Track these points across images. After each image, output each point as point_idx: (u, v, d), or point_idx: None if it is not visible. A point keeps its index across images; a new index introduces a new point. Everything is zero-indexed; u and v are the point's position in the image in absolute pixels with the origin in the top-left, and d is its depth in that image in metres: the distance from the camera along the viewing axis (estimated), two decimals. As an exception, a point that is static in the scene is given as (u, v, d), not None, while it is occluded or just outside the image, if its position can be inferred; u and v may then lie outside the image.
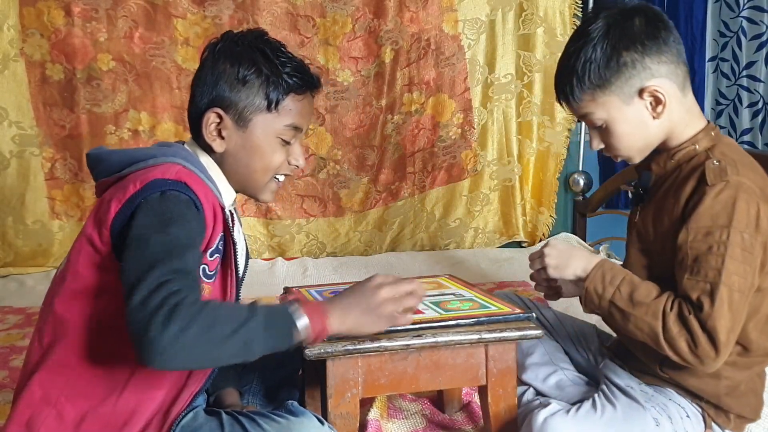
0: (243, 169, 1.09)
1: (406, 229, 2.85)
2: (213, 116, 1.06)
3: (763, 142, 3.03)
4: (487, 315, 1.12)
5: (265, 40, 1.09)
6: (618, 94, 1.08)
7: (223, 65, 1.06)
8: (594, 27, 1.07)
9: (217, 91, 1.05)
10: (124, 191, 0.94)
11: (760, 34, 2.93)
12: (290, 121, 1.09)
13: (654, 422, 1.08)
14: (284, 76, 1.06)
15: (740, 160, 1.06)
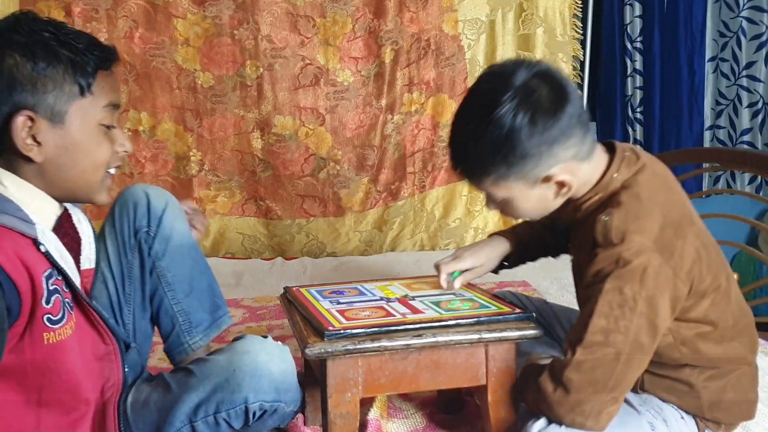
0: (70, 171, 0.95)
1: (406, 229, 2.86)
2: (22, 120, 0.89)
3: (762, 142, 3.03)
4: (487, 315, 1.12)
5: (44, 21, 0.94)
6: (520, 181, 1.02)
7: (11, 60, 0.89)
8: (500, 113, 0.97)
9: (16, 93, 0.89)
10: None
11: (759, 34, 2.93)
12: (107, 101, 0.96)
13: (649, 426, 1.07)
14: (86, 54, 0.93)
15: (637, 209, 1.00)
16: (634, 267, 0.96)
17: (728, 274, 1.09)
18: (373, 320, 1.08)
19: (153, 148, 2.66)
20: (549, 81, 0.99)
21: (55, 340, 0.91)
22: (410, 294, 1.25)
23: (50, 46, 0.91)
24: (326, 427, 1.07)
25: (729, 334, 1.07)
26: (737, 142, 3.08)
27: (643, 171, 1.05)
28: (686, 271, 0.99)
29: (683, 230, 1.01)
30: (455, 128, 1.06)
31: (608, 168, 1.06)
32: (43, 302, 0.88)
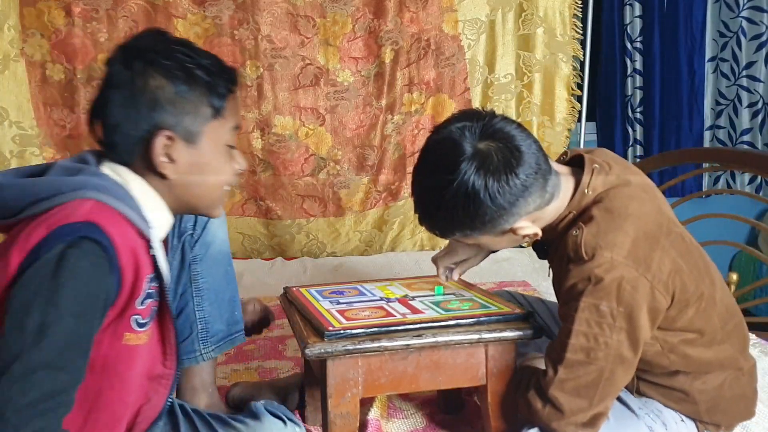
0: (196, 188, 0.99)
1: (406, 229, 2.86)
2: (163, 140, 0.93)
3: (762, 142, 3.03)
4: (487, 315, 1.12)
5: (176, 41, 0.98)
6: (486, 235, 1.05)
7: (155, 81, 0.93)
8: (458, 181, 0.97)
9: (159, 112, 0.93)
10: (27, 238, 0.82)
11: (759, 34, 2.93)
12: (233, 123, 1.01)
13: (648, 430, 1.08)
14: (219, 77, 0.98)
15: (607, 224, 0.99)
16: (607, 283, 0.96)
17: (712, 279, 1.08)
18: (373, 320, 1.08)
19: (153, 148, 2.65)
20: (501, 141, 0.99)
21: (133, 343, 0.92)
22: (410, 294, 1.25)
23: (189, 69, 0.95)
24: (326, 427, 1.08)
25: (718, 338, 1.07)
26: (737, 142, 3.08)
27: (615, 182, 1.05)
28: (664, 283, 0.99)
29: (659, 241, 1.00)
30: (415, 193, 1.07)
31: (578, 185, 1.05)
32: (137, 302, 0.90)
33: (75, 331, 0.81)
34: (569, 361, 0.98)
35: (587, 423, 1.00)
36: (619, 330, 0.97)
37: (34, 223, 0.84)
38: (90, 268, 0.83)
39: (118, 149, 0.95)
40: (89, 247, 0.83)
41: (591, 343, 0.97)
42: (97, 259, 0.83)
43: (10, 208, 0.87)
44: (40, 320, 0.78)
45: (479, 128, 1.00)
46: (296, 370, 1.60)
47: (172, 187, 0.98)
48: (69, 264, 0.81)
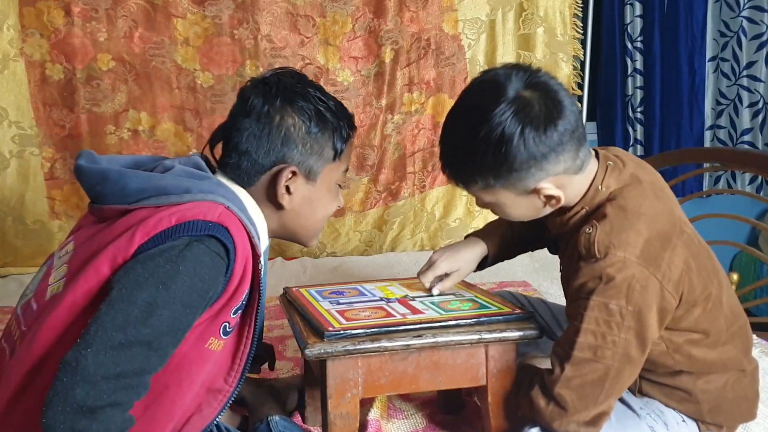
0: (304, 221, 1.07)
1: (406, 229, 2.85)
2: (288, 174, 1.02)
3: (763, 142, 3.02)
4: (487, 315, 1.11)
5: (313, 85, 1.06)
6: (509, 189, 1.02)
7: (291, 120, 1.01)
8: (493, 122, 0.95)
9: (288, 148, 1.02)
10: (155, 225, 0.86)
11: (760, 33, 2.93)
12: (346, 166, 1.10)
13: (650, 430, 1.07)
14: (344, 123, 1.05)
15: (621, 223, 0.99)
16: (618, 282, 0.96)
17: (720, 281, 1.08)
18: (373, 321, 1.08)
19: (153, 148, 2.65)
20: (545, 94, 0.97)
21: (213, 348, 0.94)
22: (410, 294, 1.25)
23: (322, 114, 1.03)
24: (326, 428, 1.07)
25: (723, 339, 1.07)
26: (738, 142, 3.07)
27: (629, 180, 1.04)
28: (674, 283, 0.99)
29: (671, 241, 1.00)
30: (446, 132, 1.04)
31: (594, 179, 1.05)
32: (232, 311, 0.94)
33: (179, 318, 0.84)
34: (576, 359, 0.98)
35: (590, 422, 1.00)
36: (628, 329, 0.97)
37: (162, 212, 0.88)
38: (210, 264, 0.87)
39: (242, 172, 1.03)
40: (215, 246, 0.88)
41: (599, 342, 0.97)
42: (218, 259, 0.88)
43: (130, 195, 0.92)
44: (151, 299, 0.81)
45: (526, 77, 0.98)
46: (296, 370, 1.60)
47: (283, 215, 1.06)
48: (192, 255, 0.85)
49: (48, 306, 0.89)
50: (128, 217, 0.91)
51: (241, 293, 0.94)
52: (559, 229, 1.09)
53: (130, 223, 0.89)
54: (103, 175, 0.95)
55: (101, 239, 0.90)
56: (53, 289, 0.91)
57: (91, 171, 0.96)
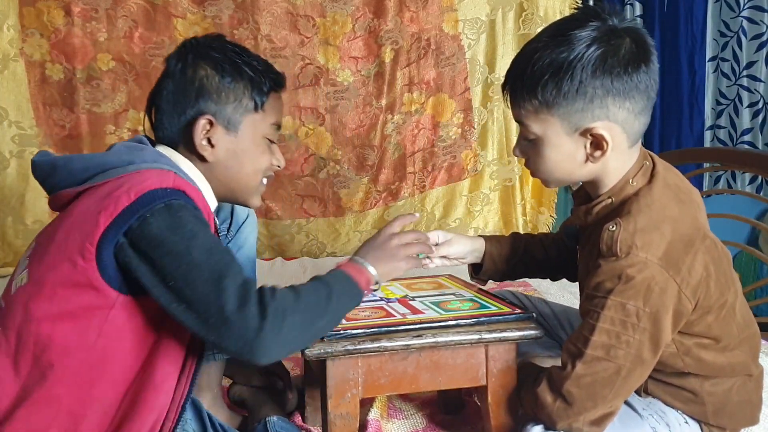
0: (234, 174, 1.07)
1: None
2: (204, 123, 1.03)
3: (763, 142, 3.02)
4: (487, 315, 1.11)
5: (231, 43, 1.08)
6: (563, 119, 0.97)
7: (203, 71, 1.03)
8: (575, 33, 0.94)
9: (203, 99, 1.03)
10: (115, 203, 0.87)
11: (760, 33, 2.93)
12: (274, 119, 1.09)
13: (652, 431, 1.07)
14: (264, 76, 1.06)
15: (643, 221, 0.97)
16: (637, 283, 0.94)
17: (736, 289, 1.07)
18: (373, 320, 1.08)
19: (153, 148, 2.65)
20: (639, 41, 0.96)
21: None
22: (410, 294, 1.25)
23: (237, 64, 1.05)
24: (326, 428, 1.07)
25: (733, 344, 1.06)
26: (738, 142, 3.07)
27: (656, 181, 1.02)
28: (693, 288, 0.97)
29: (694, 246, 0.98)
30: (528, 43, 1.01)
31: (627, 172, 1.03)
32: None
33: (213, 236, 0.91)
34: (589, 357, 0.97)
35: (595, 421, 0.99)
36: (643, 331, 0.96)
37: (114, 189, 0.89)
38: (200, 216, 0.91)
39: (166, 132, 1.05)
40: (187, 206, 0.91)
41: (612, 341, 0.96)
42: (197, 212, 0.92)
43: (76, 176, 0.95)
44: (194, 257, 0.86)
45: (629, 23, 0.97)
46: (296, 370, 1.60)
47: (213, 170, 1.06)
48: (180, 211, 0.89)
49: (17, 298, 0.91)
50: (81, 198, 0.93)
51: None
52: (582, 219, 1.08)
53: (84, 202, 0.91)
54: (52, 164, 0.97)
55: (59, 223, 0.93)
56: (17, 282, 0.94)
57: (42, 163, 0.99)
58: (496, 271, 1.31)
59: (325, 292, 0.93)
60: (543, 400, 1.01)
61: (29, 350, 0.88)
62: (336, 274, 0.99)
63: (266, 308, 0.84)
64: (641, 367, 0.99)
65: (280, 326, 0.84)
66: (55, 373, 0.88)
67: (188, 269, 0.85)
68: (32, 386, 0.88)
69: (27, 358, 0.88)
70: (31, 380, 0.88)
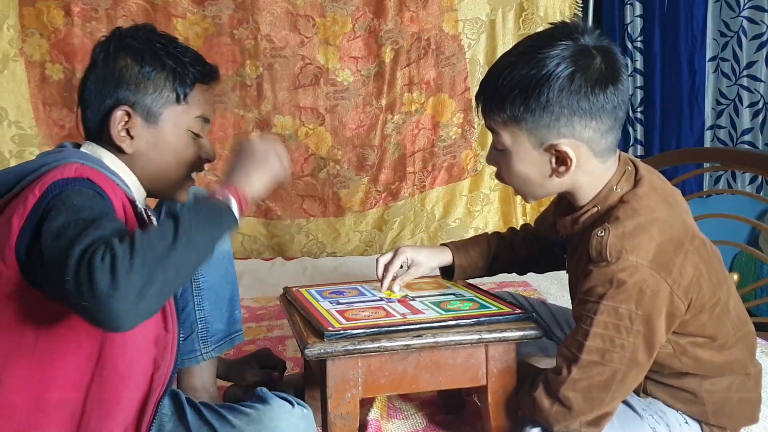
0: (156, 167, 1.04)
1: (406, 229, 2.85)
2: (120, 114, 1.00)
3: (763, 142, 3.02)
4: (487, 315, 1.11)
5: (159, 34, 1.05)
6: (529, 134, 0.99)
7: (123, 61, 1.01)
8: (545, 51, 0.95)
9: (122, 89, 1.00)
10: (24, 204, 0.85)
11: (760, 33, 2.93)
12: (199, 112, 1.06)
13: (651, 431, 1.07)
14: (188, 67, 1.03)
15: (631, 226, 0.97)
16: (629, 287, 0.94)
17: (728, 287, 1.07)
18: (373, 320, 1.08)
19: (153, 148, 2.66)
20: (610, 60, 0.96)
21: None
22: (410, 294, 1.25)
23: (158, 54, 1.02)
24: (326, 428, 1.07)
25: (729, 343, 1.07)
26: (738, 142, 3.07)
27: (642, 184, 1.02)
28: (684, 288, 0.98)
29: (683, 246, 0.98)
30: (499, 59, 1.02)
31: (610, 180, 1.03)
32: None
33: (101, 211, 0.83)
34: (584, 362, 0.97)
35: (592, 422, 1.00)
36: (636, 333, 0.96)
37: (26, 191, 0.87)
38: (93, 194, 0.87)
39: (89, 123, 1.03)
40: (84, 190, 0.87)
41: (607, 345, 0.96)
42: (97, 194, 0.87)
43: (3, 189, 0.92)
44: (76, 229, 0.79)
45: (601, 40, 0.97)
46: (296, 370, 1.60)
47: (135, 162, 1.03)
48: (72, 194, 0.85)
49: None
50: (5, 211, 0.91)
51: None
52: (569, 228, 1.08)
53: (8, 212, 0.89)
54: None
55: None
56: None
57: None
58: (466, 278, 1.34)
59: (170, 225, 0.81)
60: (540, 404, 1.02)
61: None
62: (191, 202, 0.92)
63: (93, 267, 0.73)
64: (636, 369, 0.99)
65: (113, 281, 0.73)
66: (5, 385, 0.86)
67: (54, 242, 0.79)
68: None
69: None
70: None
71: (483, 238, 1.35)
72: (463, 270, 1.31)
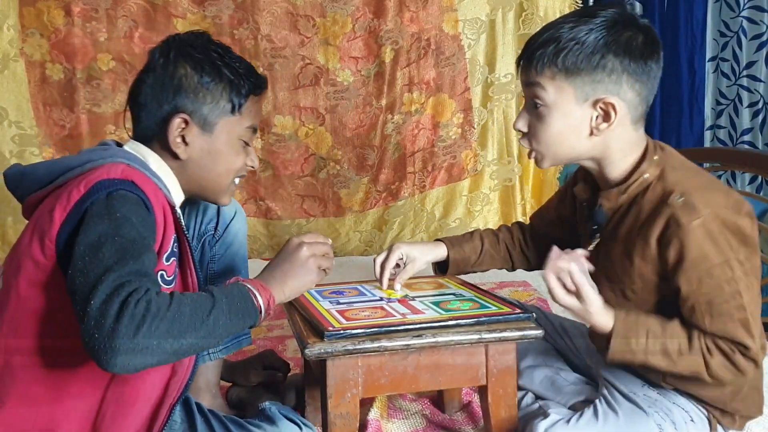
0: (206, 173, 1.08)
1: (406, 229, 2.85)
2: (179, 121, 1.03)
3: (763, 142, 3.02)
4: (487, 315, 1.11)
5: (215, 43, 1.08)
6: (578, 88, 1.03)
7: (183, 69, 1.04)
8: (601, 14, 1.03)
9: (180, 97, 1.03)
10: (68, 198, 0.88)
11: (760, 33, 2.93)
12: (250, 123, 1.09)
13: (657, 428, 1.07)
14: (243, 78, 1.06)
15: (696, 184, 1.03)
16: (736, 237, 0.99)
17: None
18: (372, 320, 1.08)
19: (153, 148, 2.66)
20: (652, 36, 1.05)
21: None
22: (410, 294, 1.25)
23: (217, 65, 1.05)
24: (326, 428, 1.07)
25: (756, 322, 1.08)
26: (738, 142, 3.07)
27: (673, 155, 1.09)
28: None
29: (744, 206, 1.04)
30: (556, 20, 1.08)
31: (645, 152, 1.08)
32: (164, 258, 0.95)
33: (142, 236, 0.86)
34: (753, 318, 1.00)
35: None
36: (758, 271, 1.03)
37: (70, 185, 0.90)
38: (137, 205, 0.90)
39: (142, 125, 1.07)
40: (129, 195, 0.90)
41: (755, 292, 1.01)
42: (138, 201, 0.90)
43: (41, 180, 0.95)
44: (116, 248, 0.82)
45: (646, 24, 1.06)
46: (296, 370, 1.60)
47: (185, 167, 1.06)
48: (118, 203, 0.87)
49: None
50: (45, 201, 0.94)
51: (168, 240, 0.95)
52: (613, 201, 1.09)
53: (45, 204, 0.93)
54: (21, 172, 0.99)
55: (25, 231, 0.94)
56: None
57: (12, 174, 1.00)
58: (459, 273, 1.38)
59: (207, 305, 0.85)
60: (722, 377, 1.03)
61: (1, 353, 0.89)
62: (231, 288, 0.93)
63: (125, 309, 0.76)
64: None
65: (135, 332, 0.76)
66: (29, 373, 0.88)
67: (89, 258, 0.82)
68: (7, 387, 0.89)
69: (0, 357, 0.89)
70: (5, 382, 0.89)
71: (476, 234, 1.38)
72: (457, 265, 1.34)
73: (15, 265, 0.91)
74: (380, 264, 1.28)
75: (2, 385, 0.89)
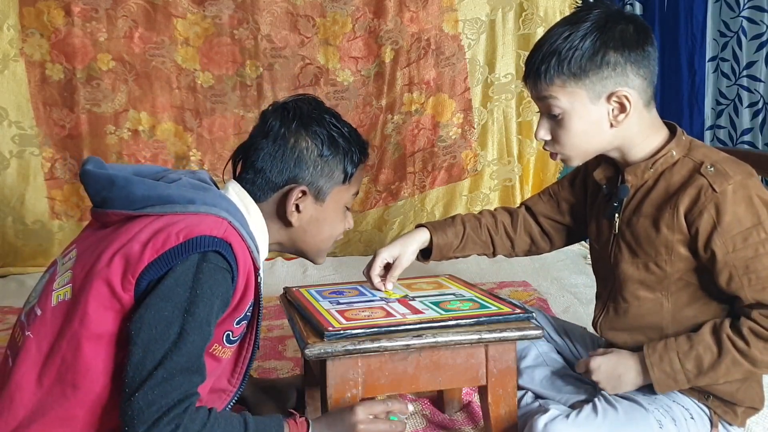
0: (310, 238, 1.12)
1: (406, 229, 2.85)
2: (298, 193, 1.06)
3: (763, 142, 3.02)
4: (487, 315, 1.11)
5: (329, 111, 1.11)
6: (589, 89, 1.07)
7: (305, 143, 1.07)
8: (589, 17, 1.07)
9: (300, 169, 1.06)
10: (164, 240, 0.89)
11: (760, 33, 2.93)
12: (356, 189, 1.14)
13: (657, 425, 1.07)
14: (355, 148, 1.10)
15: (724, 157, 1.10)
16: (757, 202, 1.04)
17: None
18: (372, 320, 1.08)
19: (152, 148, 2.65)
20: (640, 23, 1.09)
21: (217, 354, 0.97)
22: (410, 294, 1.25)
23: (335, 139, 1.08)
24: (326, 428, 1.07)
25: None
26: (738, 142, 3.07)
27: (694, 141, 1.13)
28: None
29: None
30: (548, 31, 1.11)
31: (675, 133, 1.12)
32: (235, 321, 0.97)
33: (206, 337, 0.90)
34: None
35: None
36: None
37: (169, 228, 0.90)
38: (222, 280, 0.92)
39: (256, 188, 1.08)
40: (221, 261, 0.91)
41: None
42: (226, 273, 0.92)
43: (135, 201, 0.95)
44: (180, 329, 0.87)
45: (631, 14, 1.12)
46: (296, 370, 1.60)
47: (291, 232, 1.11)
48: (205, 277, 0.90)
49: (57, 311, 0.91)
50: (134, 223, 0.93)
51: (245, 305, 0.97)
52: (641, 174, 1.12)
53: (135, 229, 0.92)
54: (111, 180, 0.97)
55: (107, 244, 0.92)
56: (59, 294, 0.93)
57: (98, 176, 0.98)
58: (442, 258, 1.37)
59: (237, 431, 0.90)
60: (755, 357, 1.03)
61: (55, 366, 0.88)
62: (271, 420, 0.96)
63: (160, 420, 0.83)
64: None
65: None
66: (77, 395, 0.88)
67: (154, 331, 0.85)
68: (51, 404, 0.88)
69: (52, 372, 0.89)
70: (52, 397, 0.88)
71: (458, 218, 1.37)
72: (440, 250, 1.33)
73: (89, 282, 0.89)
74: (366, 273, 1.29)
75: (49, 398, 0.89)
